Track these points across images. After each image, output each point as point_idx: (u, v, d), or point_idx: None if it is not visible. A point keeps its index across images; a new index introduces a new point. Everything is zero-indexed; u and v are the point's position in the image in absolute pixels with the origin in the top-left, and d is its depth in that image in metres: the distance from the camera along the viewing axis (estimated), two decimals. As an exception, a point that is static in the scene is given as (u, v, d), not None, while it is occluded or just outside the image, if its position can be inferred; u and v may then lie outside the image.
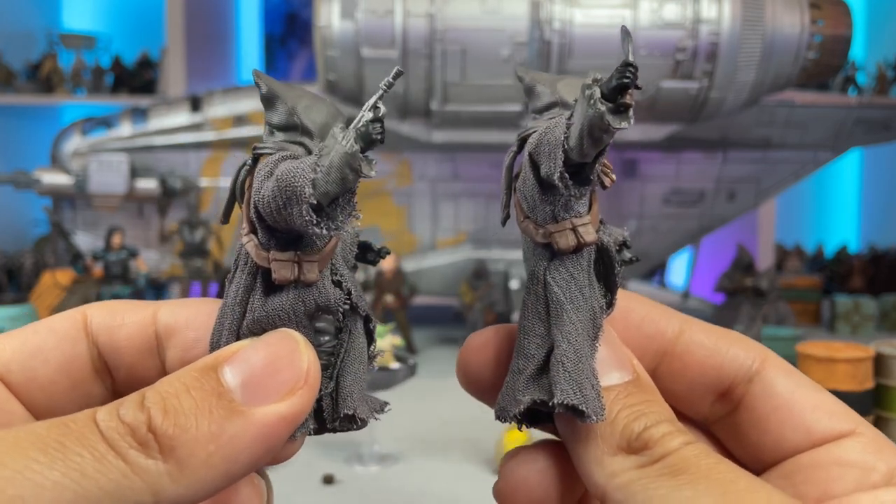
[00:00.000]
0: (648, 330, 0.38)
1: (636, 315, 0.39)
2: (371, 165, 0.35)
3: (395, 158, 2.09)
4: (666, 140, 2.00)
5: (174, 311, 0.39)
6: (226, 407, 0.30)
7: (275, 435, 0.31)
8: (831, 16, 1.92)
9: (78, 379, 0.37)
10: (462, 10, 1.75)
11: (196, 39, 2.88)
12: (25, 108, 2.98)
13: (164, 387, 0.31)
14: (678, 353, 0.38)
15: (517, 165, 0.39)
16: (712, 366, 0.37)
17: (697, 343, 0.37)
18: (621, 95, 0.33)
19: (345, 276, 0.39)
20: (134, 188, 2.11)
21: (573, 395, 0.34)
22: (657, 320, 0.39)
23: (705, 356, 0.37)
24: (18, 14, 3.14)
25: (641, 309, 0.39)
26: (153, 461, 0.28)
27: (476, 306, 1.93)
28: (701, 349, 0.37)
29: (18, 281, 2.34)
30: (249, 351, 0.33)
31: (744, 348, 0.37)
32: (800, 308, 2.30)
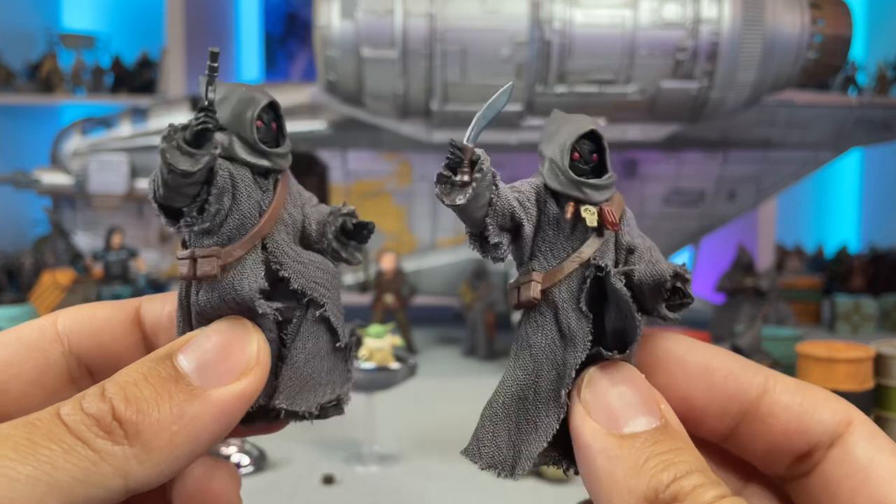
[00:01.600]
0: (731, 389, 0.37)
1: (719, 372, 0.37)
2: (195, 160, 0.35)
3: (395, 158, 2.09)
4: (666, 140, 1.99)
5: (156, 306, 0.40)
6: (184, 391, 0.32)
7: (232, 412, 0.34)
8: (832, 16, 1.92)
9: (52, 389, 0.37)
10: (462, 10, 1.75)
11: (196, 39, 2.88)
12: (25, 108, 2.98)
13: (122, 377, 0.32)
14: (761, 415, 0.36)
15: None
16: (797, 429, 0.35)
17: (783, 405, 0.36)
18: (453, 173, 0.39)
19: (286, 265, 0.39)
20: (134, 188, 2.11)
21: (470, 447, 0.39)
22: (740, 378, 0.37)
23: (790, 419, 0.35)
24: (18, 14, 3.14)
25: (723, 365, 0.37)
26: (120, 447, 0.30)
27: (476, 306, 1.93)
28: (786, 412, 0.36)
29: (18, 281, 2.34)
30: (201, 339, 0.35)
31: (831, 410, 0.35)
32: (800, 308, 2.30)
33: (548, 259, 0.40)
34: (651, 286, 0.36)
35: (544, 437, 0.37)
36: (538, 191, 0.41)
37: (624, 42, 1.77)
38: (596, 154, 0.40)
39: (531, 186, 0.41)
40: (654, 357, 0.38)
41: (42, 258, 2.26)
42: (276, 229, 0.39)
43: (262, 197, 0.39)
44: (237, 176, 0.39)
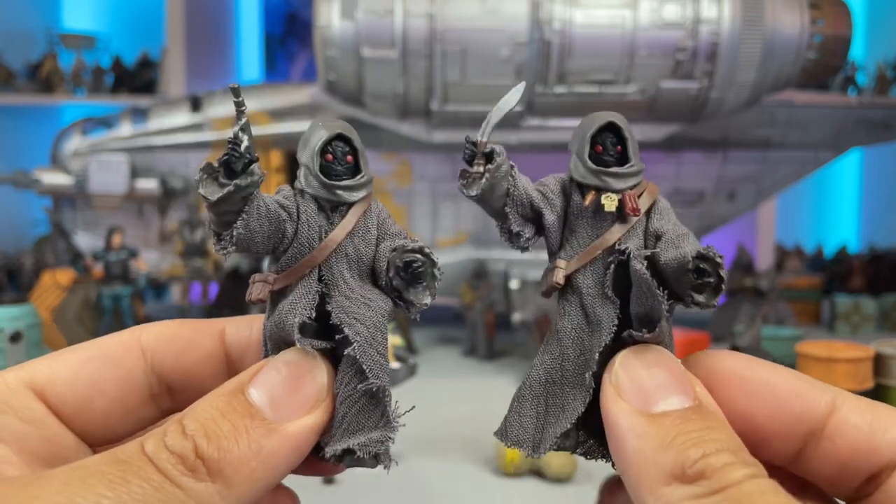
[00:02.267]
0: (797, 408, 0.35)
1: (783, 390, 0.35)
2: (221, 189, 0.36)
3: (395, 158, 2.10)
4: (666, 140, 1.99)
5: (242, 329, 0.41)
6: (260, 426, 0.33)
7: (305, 445, 0.35)
8: (831, 16, 1.92)
9: (132, 406, 0.38)
10: (462, 10, 1.75)
11: (196, 39, 2.88)
12: (25, 109, 2.98)
13: (200, 413, 0.33)
14: (830, 434, 0.35)
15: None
16: (867, 449, 0.34)
17: (852, 424, 0.34)
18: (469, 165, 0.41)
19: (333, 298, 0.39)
20: (134, 188, 2.11)
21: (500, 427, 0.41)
22: (806, 396, 0.35)
23: (860, 438, 0.34)
24: (18, 14, 3.14)
25: (788, 383, 0.36)
26: (203, 484, 0.31)
27: (476, 306, 1.93)
28: (855, 430, 0.34)
29: (18, 281, 2.34)
30: (271, 371, 0.35)
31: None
32: (800, 308, 2.30)
33: (573, 247, 0.41)
34: (675, 268, 0.36)
35: (570, 418, 0.38)
36: (563, 183, 0.43)
37: (624, 42, 1.77)
38: (619, 145, 0.41)
39: (557, 180, 0.43)
40: (714, 374, 0.36)
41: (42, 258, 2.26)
42: (334, 261, 0.40)
43: (329, 228, 0.40)
44: (302, 207, 0.40)
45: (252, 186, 0.37)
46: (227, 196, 0.36)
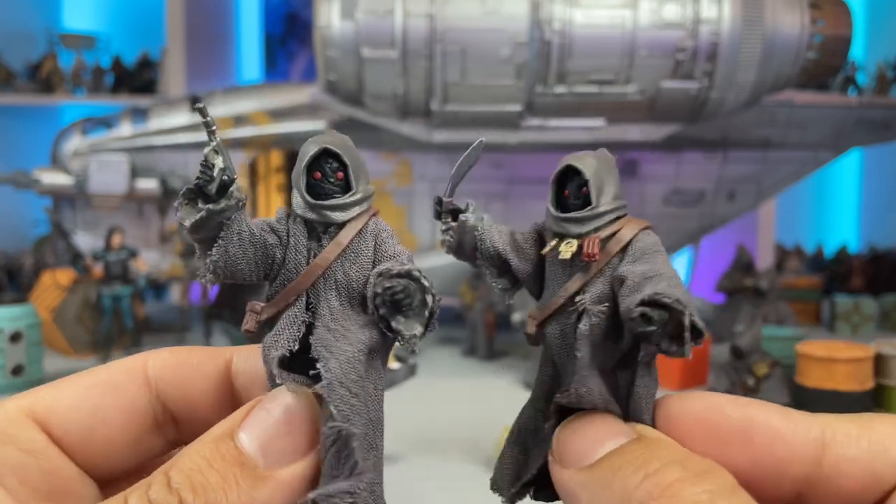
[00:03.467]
0: (781, 453, 0.32)
1: (763, 435, 0.32)
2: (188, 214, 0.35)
3: (395, 158, 2.09)
4: (666, 140, 1.99)
5: (248, 358, 0.38)
6: (250, 475, 0.31)
7: (299, 491, 0.32)
8: (831, 16, 1.92)
9: (136, 435, 0.36)
10: (462, 10, 1.75)
11: (196, 39, 2.88)
12: (25, 109, 2.98)
13: (185, 463, 0.31)
14: (827, 475, 0.32)
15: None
16: (871, 480, 0.31)
17: (850, 459, 0.31)
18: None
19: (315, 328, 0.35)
20: (134, 188, 2.11)
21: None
22: (790, 438, 0.32)
23: (861, 471, 0.31)
24: (18, 14, 3.13)
25: (766, 424, 0.33)
26: None
27: (476, 306, 1.93)
28: (855, 465, 0.31)
29: (18, 281, 2.34)
30: (262, 414, 0.33)
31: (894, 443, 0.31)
32: (800, 308, 2.30)
33: (546, 296, 0.40)
34: (625, 319, 0.34)
35: (534, 468, 0.38)
36: (539, 230, 0.42)
37: (624, 42, 1.77)
38: (585, 188, 0.39)
39: (534, 227, 0.42)
40: (681, 421, 0.34)
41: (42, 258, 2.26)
42: (322, 287, 0.37)
43: (318, 252, 0.37)
44: (292, 230, 0.37)
45: (228, 210, 0.35)
46: (200, 222, 0.34)
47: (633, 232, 0.38)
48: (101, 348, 1.85)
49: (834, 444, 0.32)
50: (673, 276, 0.35)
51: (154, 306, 2.55)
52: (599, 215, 0.38)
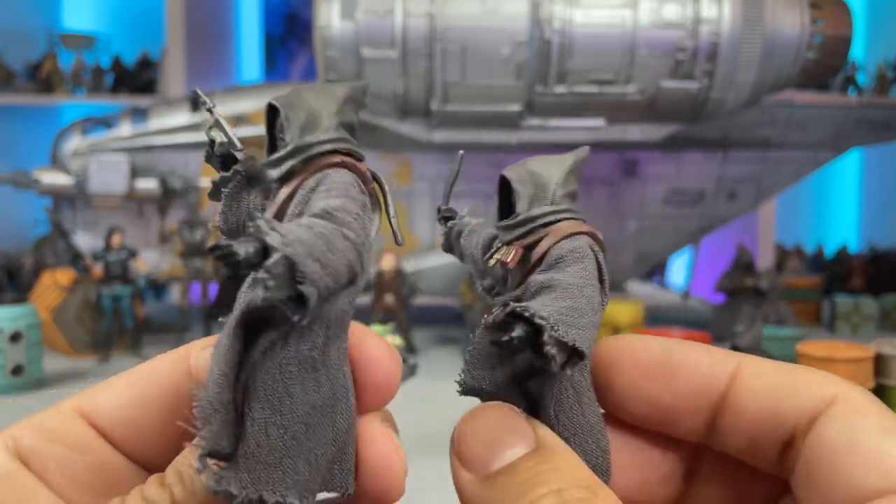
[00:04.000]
0: (697, 382, 0.33)
1: (681, 367, 0.34)
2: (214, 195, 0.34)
3: (395, 158, 2.09)
4: (666, 140, 1.99)
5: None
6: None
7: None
8: (831, 16, 1.92)
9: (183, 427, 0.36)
10: (462, 10, 1.75)
11: (196, 39, 2.88)
12: (25, 108, 2.98)
13: (179, 461, 0.32)
14: (731, 405, 0.33)
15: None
16: (770, 417, 0.32)
17: (752, 391, 0.32)
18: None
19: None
20: (134, 188, 2.11)
21: None
22: (706, 370, 0.33)
23: (761, 406, 0.32)
24: (18, 14, 3.13)
25: (686, 358, 0.34)
26: None
27: (476, 306, 1.93)
28: (756, 399, 0.32)
29: (18, 281, 2.34)
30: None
31: (810, 391, 0.31)
32: (800, 308, 2.30)
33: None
34: (486, 329, 0.34)
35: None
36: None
37: (624, 42, 1.77)
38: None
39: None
40: (611, 360, 0.35)
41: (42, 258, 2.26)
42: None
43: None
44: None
45: (229, 181, 0.33)
46: (213, 195, 0.34)
47: (556, 238, 0.36)
48: (101, 348, 1.85)
49: (743, 376, 0.33)
50: (572, 285, 0.33)
51: (154, 306, 2.55)
52: (523, 222, 0.37)
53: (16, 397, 1.56)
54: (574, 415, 0.34)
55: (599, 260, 0.36)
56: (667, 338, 0.35)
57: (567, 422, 0.34)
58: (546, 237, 0.36)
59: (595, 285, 0.34)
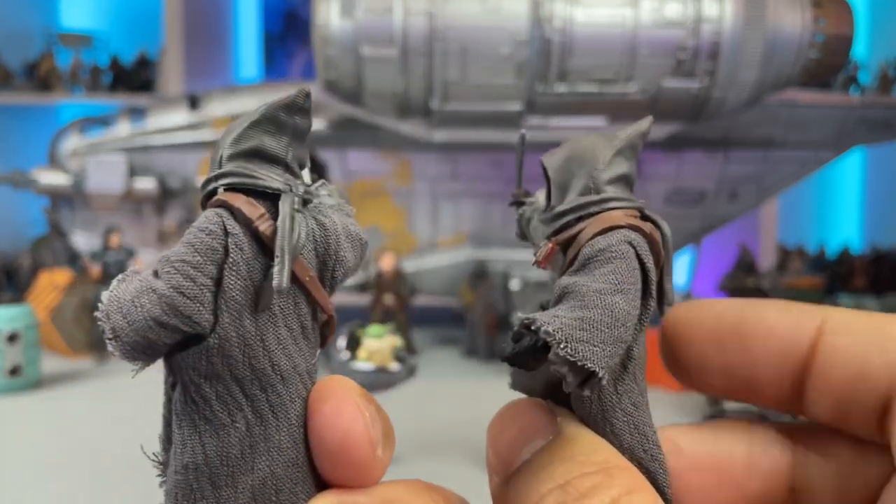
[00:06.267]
0: (774, 347, 0.30)
1: (756, 331, 0.30)
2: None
3: (395, 158, 2.08)
4: (667, 139, 1.98)
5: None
6: None
7: None
8: (833, 15, 1.91)
9: None
10: (462, 9, 1.74)
11: (194, 38, 2.87)
12: (23, 108, 2.97)
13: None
14: (818, 367, 0.29)
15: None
16: (860, 376, 0.28)
17: (839, 350, 0.28)
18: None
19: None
20: (132, 188, 2.10)
21: None
22: (785, 331, 0.30)
23: (850, 366, 0.28)
24: (16, 13, 3.12)
25: (760, 320, 0.31)
26: None
27: (476, 307, 1.92)
28: (843, 359, 0.28)
29: (16, 281, 2.33)
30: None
31: None
32: (802, 308, 2.29)
33: None
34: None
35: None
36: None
37: (625, 41, 1.76)
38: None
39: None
40: (680, 331, 0.33)
41: (40, 258, 2.25)
42: None
43: None
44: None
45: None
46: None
47: (590, 234, 0.32)
48: (98, 349, 1.84)
49: (827, 333, 0.29)
50: (594, 292, 0.29)
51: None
52: (557, 216, 0.34)
53: (13, 398, 1.55)
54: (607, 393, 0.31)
55: (643, 258, 0.31)
56: (741, 300, 0.32)
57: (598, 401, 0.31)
58: (582, 232, 0.32)
59: (628, 291, 0.30)
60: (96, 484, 1.10)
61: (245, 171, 0.29)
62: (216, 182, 0.30)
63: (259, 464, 0.27)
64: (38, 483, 1.12)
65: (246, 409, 0.27)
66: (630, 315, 0.29)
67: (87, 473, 1.14)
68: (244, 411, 0.27)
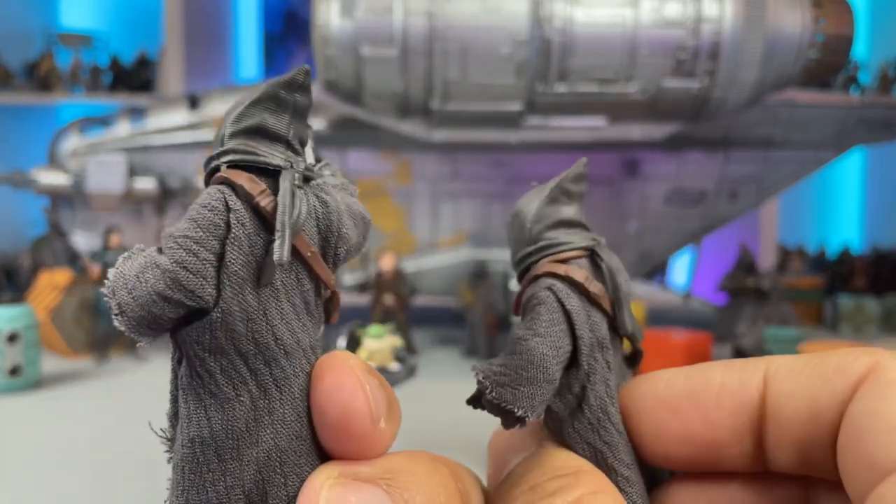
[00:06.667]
0: (728, 404, 0.30)
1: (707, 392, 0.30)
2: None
3: (395, 158, 2.08)
4: (667, 139, 1.98)
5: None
6: None
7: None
8: (833, 14, 1.91)
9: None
10: (462, 8, 1.74)
11: (194, 38, 2.87)
12: (23, 108, 2.97)
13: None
14: (771, 415, 0.29)
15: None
16: (809, 411, 0.27)
17: (787, 394, 0.28)
18: None
19: None
20: (132, 188, 2.10)
21: None
22: (734, 387, 0.30)
23: (800, 407, 0.28)
24: (16, 13, 3.12)
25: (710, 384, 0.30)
26: None
27: (476, 306, 1.92)
28: (791, 400, 0.28)
29: (16, 281, 2.33)
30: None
31: (841, 372, 0.27)
32: (802, 309, 2.29)
33: None
34: None
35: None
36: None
37: (625, 41, 1.76)
38: None
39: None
40: (634, 408, 0.32)
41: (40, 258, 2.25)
42: None
43: None
44: None
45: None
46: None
47: (524, 285, 0.35)
48: (98, 349, 1.84)
49: (774, 380, 0.29)
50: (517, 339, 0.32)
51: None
52: (515, 265, 0.37)
53: (13, 398, 1.55)
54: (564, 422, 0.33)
55: (562, 301, 0.32)
56: (685, 368, 0.32)
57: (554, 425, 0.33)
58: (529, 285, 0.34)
59: (546, 334, 0.32)
60: (96, 484, 1.10)
61: (247, 148, 0.30)
62: (218, 160, 0.30)
63: (263, 437, 0.28)
64: (38, 483, 1.12)
65: (250, 383, 0.28)
66: (547, 357, 0.32)
67: (87, 473, 1.14)
68: (248, 385, 0.28)
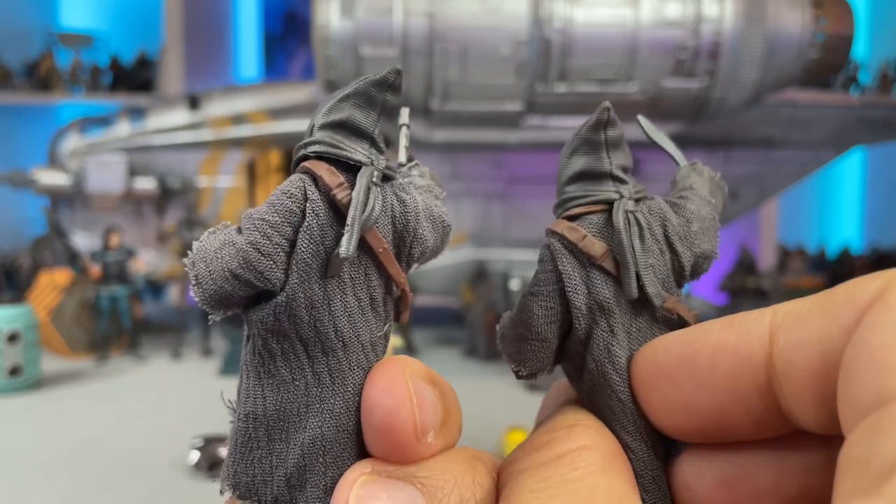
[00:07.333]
0: (728, 366, 0.25)
1: (701, 354, 0.26)
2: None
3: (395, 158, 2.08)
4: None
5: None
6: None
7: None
8: (833, 15, 1.90)
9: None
10: (462, 9, 1.74)
11: (194, 38, 2.87)
12: (23, 108, 2.97)
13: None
14: (781, 372, 0.24)
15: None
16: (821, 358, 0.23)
17: (794, 343, 0.24)
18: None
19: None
20: (132, 188, 2.10)
21: None
22: (733, 347, 0.25)
23: (811, 356, 0.23)
24: (16, 13, 3.12)
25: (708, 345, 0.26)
26: None
27: (476, 306, 1.92)
28: (801, 350, 0.23)
29: (16, 281, 2.33)
30: None
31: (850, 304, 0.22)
32: (802, 308, 2.29)
33: None
34: None
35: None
36: None
37: (625, 41, 1.76)
38: None
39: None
40: (640, 375, 0.30)
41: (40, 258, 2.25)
42: None
43: None
44: None
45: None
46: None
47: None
48: (98, 349, 1.84)
49: (781, 331, 0.24)
50: (522, 294, 0.34)
51: (152, 306, 2.54)
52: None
53: (13, 398, 1.55)
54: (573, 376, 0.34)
55: (556, 261, 0.32)
56: (686, 329, 0.29)
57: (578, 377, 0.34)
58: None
59: (538, 293, 0.33)
60: (96, 484, 1.10)
61: (332, 140, 0.31)
62: (305, 149, 0.31)
63: (311, 423, 0.29)
64: (38, 483, 1.12)
65: (307, 370, 0.29)
66: (536, 315, 0.32)
67: (87, 473, 1.14)
68: (304, 371, 0.29)
